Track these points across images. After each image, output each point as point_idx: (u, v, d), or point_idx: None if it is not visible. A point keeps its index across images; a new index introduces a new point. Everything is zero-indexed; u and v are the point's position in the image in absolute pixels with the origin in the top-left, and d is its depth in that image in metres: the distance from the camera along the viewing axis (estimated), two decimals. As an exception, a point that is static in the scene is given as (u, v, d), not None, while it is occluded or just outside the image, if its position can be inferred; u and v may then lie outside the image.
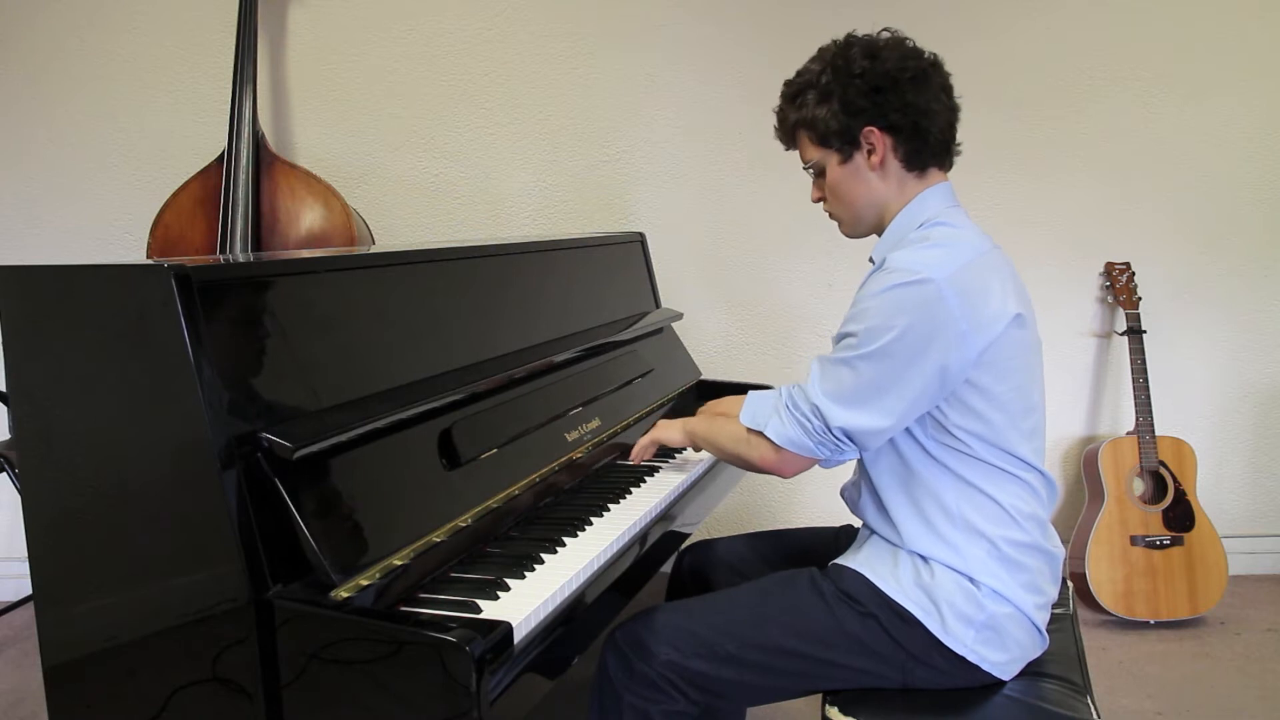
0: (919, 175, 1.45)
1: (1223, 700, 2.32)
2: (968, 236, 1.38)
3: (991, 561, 1.37)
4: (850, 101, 1.40)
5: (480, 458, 1.44)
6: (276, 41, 2.91)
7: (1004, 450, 1.38)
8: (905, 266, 1.31)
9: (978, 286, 1.32)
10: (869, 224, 1.50)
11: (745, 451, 1.47)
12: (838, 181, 1.47)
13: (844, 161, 1.45)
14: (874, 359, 1.31)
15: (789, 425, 1.39)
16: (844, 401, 1.34)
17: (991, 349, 1.32)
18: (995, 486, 1.38)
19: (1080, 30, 2.88)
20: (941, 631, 1.35)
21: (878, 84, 1.39)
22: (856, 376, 1.33)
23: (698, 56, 2.92)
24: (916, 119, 1.40)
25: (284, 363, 1.22)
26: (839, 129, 1.42)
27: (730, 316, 3.03)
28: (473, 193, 2.97)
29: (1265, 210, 2.93)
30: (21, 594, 2.77)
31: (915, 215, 1.43)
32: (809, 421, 1.37)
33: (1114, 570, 2.71)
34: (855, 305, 1.37)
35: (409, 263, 1.52)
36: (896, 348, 1.30)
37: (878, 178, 1.44)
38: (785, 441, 1.39)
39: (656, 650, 1.35)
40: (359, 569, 1.15)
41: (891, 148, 1.42)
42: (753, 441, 1.45)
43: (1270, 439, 3.03)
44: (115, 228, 2.98)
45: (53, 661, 1.26)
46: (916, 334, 1.29)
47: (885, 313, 1.30)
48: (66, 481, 1.22)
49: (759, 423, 1.43)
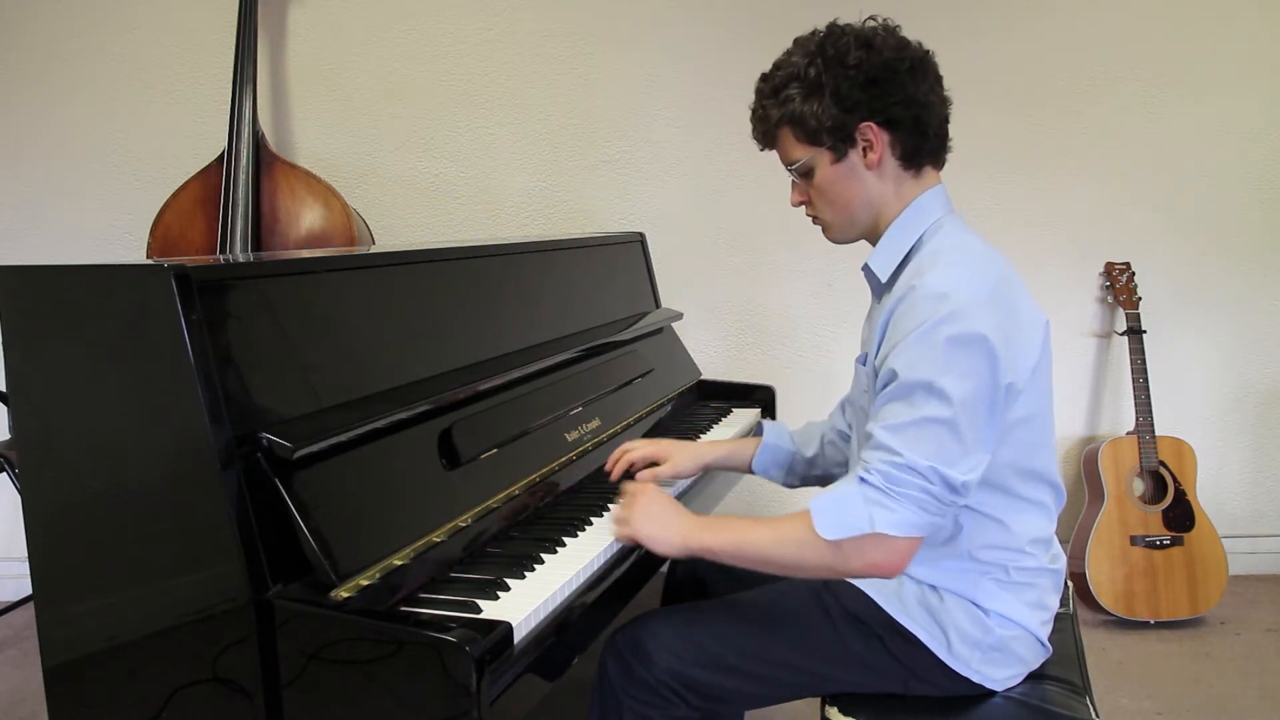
0: (915, 175, 1.37)
1: (1223, 700, 2.32)
2: (980, 247, 1.32)
3: (1000, 589, 1.34)
4: (845, 95, 1.31)
5: (480, 458, 1.44)
6: (276, 41, 2.91)
7: (1032, 473, 1.33)
8: (942, 290, 1.22)
9: (1012, 298, 1.27)
10: (862, 228, 1.41)
11: (830, 561, 1.24)
12: (830, 182, 1.37)
13: (837, 160, 1.35)
14: (966, 409, 1.20)
15: (905, 509, 1.20)
16: (955, 460, 1.20)
17: (1038, 364, 1.29)
18: (1011, 517, 1.33)
19: (1080, 30, 2.87)
20: (946, 655, 1.33)
21: (874, 75, 1.30)
22: (956, 433, 1.20)
23: (698, 56, 2.91)
24: (917, 112, 1.32)
25: (284, 363, 1.22)
26: (832, 124, 1.32)
27: (730, 316, 3.02)
28: (473, 193, 2.97)
29: (1265, 210, 2.93)
30: (21, 594, 2.77)
31: (915, 221, 1.36)
32: (925, 494, 1.20)
33: (1114, 570, 2.71)
34: (905, 342, 1.23)
35: (409, 263, 1.52)
36: (984, 388, 1.21)
37: (874, 177, 1.35)
38: (908, 529, 1.20)
39: (657, 657, 1.34)
40: (359, 569, 1.15)
41: (889, 145, 1.34)
42: (846, 549, 1.22)
43: (1270, 439, 3.03)
44: (115, 228, 2.98)
45: (53, 661, 1.26)
46: (991, 364, 1.21)
47: (957, 354, 1.20)
48: (66, 481, 1.22)
49: (856, 526, 1.21)
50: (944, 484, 1.20)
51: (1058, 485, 1.38)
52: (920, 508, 1.20)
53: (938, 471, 1.19)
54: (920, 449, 1.20)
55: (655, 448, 1.67)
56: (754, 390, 2.37)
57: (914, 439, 1.20)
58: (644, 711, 1.33)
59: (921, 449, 1.20)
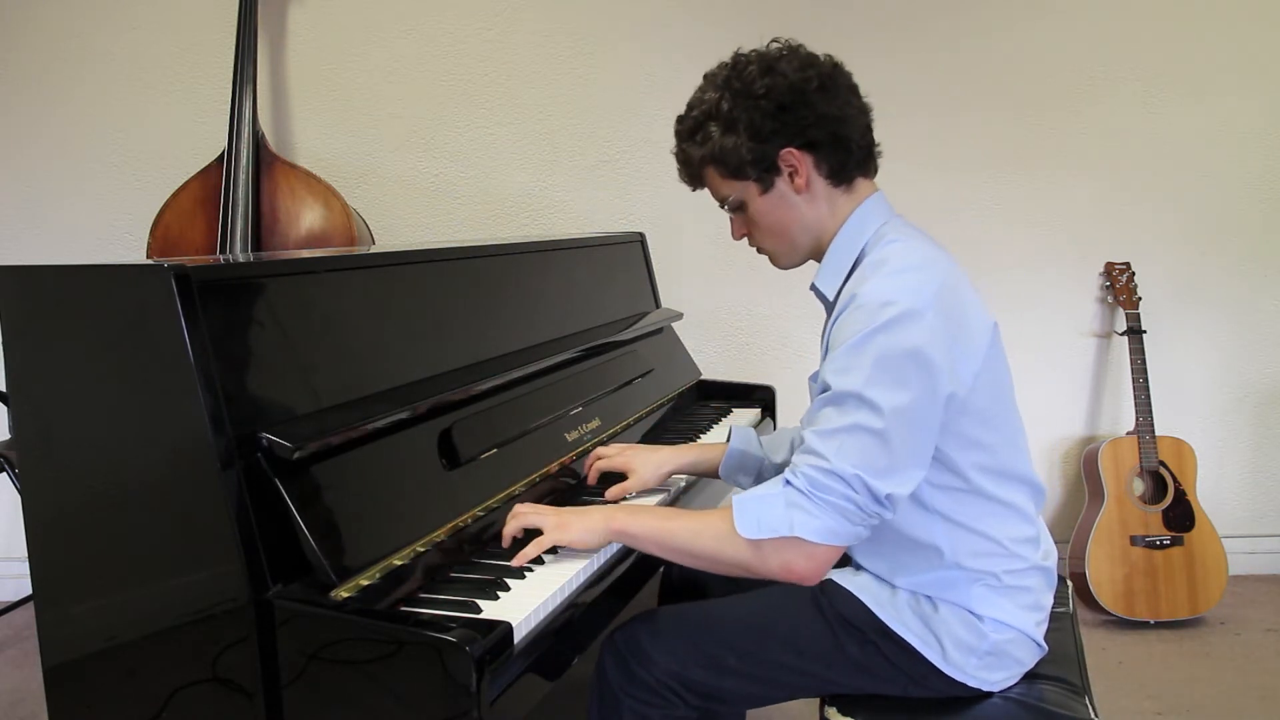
0: (847, 189, 1.35)
1: (1223, 700, 2.32)
2: (925, 250, 1.29)
3: (992, 594, 1.33)
4: (758, 126, 1.30)
5: (480, 458, 1.44)
6: (276, 41, 2.91)
7: (1004, 474, 1.32)
8: (883, 299, 1.20)
9: (957, 304, 1.25)
10: (805, 251, 1.40)
11: (746, 560, 1.23)
12: (763, 213, 1.36)
13: (765, 191, 1.34)
14: (898, 420, 1.18)
15: (826, 516, 1.19)
16: (883, 472, 1.19)
17: (984, 368, 1.27)
18: (989, 523, 1.32)
19: (1080, 30, 2.87)
20: (942, 662, 1.32)
21: (783, 101, 1.29)
22: (886, 444, 1.18)
23: (698, 56, 2.89)
24: (834, 129, 1.31)
25: (284, 363, 1.22)
26: (753, 157, 1.31)
27: (730, 316, 3.02)
28: (472, 193, 2.97)
29: (1265, 210, 2.93)
30: (21, 594, 2.77)
31: (855, 235, 1.34)
32: (848, 503, 1.18)
33: (1114, 570, 2.71)
34: (837, 351, 1.22)
35: (409, 263, 1.52)
36: (920, 402, 1.19)
37: (805, 201, 1.34)
38: (827, 536, 1.19)
39: (656, 657, 1.33)
40: (359, 569, 1.15)
41: (814, 165, 1.33)
42: (764, 549, 1.21)
43: (1270, 439, 3.03)
44: (115, 228, 2.98)
45: (53, 661, 1.26)
46: (928, 378, 1.19)
47: (891, 364, 1.18)
48: (66, 481, 1.22)
49: (775, 528, 1.20)
50: (868, 494, 1.18)
51: (1034, 482, 1.37)
52: (842, 515, 1.19)
53: (863, 480, 1.18)
54: (848, 456, 1.18)
55: (622, 459, 1.64)
56: (754, 390, 2.37)
57: (842, 446, 1.19)
58: (643, 711, 1.33)
59: (849, 457, 1.18)
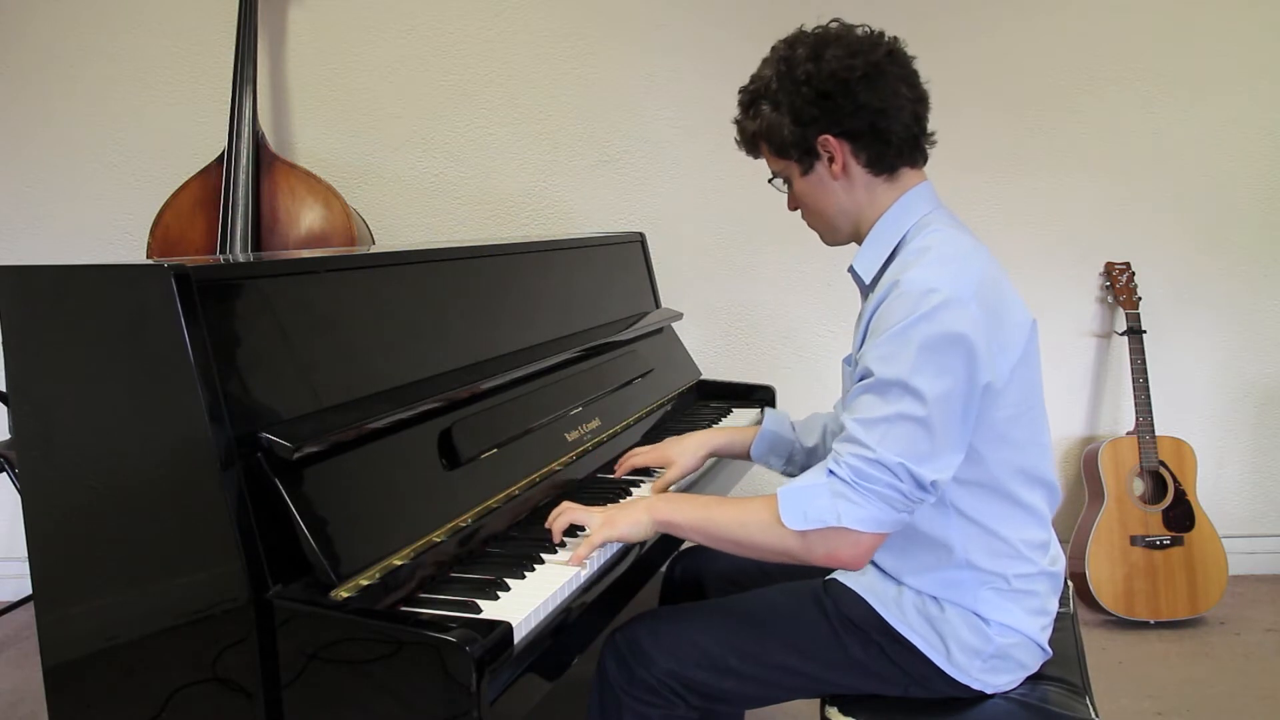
0: (889, 179, 1.35)
1: (1223, 700, 2.32)
2: (967, 243, 1.30)
3: (999, 598, 1.33)
4: (800, 110, 1.31)
5: (480, 458, 1.44)
6: (276, 41, 2.91)
7: (1027, 474, 1.32)
8: (926, 286, 1.20)
9: (998, 296, 1.25)
10: (846, 234, 1.41)
11: (792, 549, 1.24)
12: (804, 194, 1.39)
13: (806, 172, 1.36)
14: (940, 407, 1.19)
15: (872, 505, 1.20)
16: (926, 458, 1.20)
17: (1020, 362, 1.27)
18: (1005, 524, 1.32)
19: (1080, 29, 2.87)
20: (946, 664, 1.32)
21: (824, 89, 1.29)
22: (929, 431, 1.19)
23: (698, 56, 2.91)
24: (874, 120, 1.30)
25: (284, 363, 1.22)
26: (794, 139, 1.33)
27: (730, 316, 3.02)
28: (472, 193, 2.97)
29: (1265, 210, 2.93)
30: (21, 594, 2.77)
31: (897, 222, 1.35)
32: (893, 491, 1.19)
33: (1114, 570, 2.71)
34: (880, 338, 1.22)
35: (409, 263, 1.52)
36: (962, 388, 1.20)
37: (842, 188, 1.35)
38: (873, 525, 1.20)
39: (657, 657, 1.34)
40: (359, 569, 1.15)
41: (852, 154, 1.33)
42: (810, 539, 1.23)
43: (1270, 439, 3.03)
44: (115, 228, 2.98)
45: (53, 661, 1.26)
46: (970, 363, 1.20)
47: (934, 351, 1.19)
48: (66, 481, 1.22)
49: (822, 519, 1.21)
50: (913, 481, 1.19)
51: (1052, 484, 1.37)
52: (887, 504, 1.20)
53: (907, 469, 1.19)
54: (891, 445, 1.19)
55: (658, 453, 1.67)
56: (754, 390, 2.37)
57: (886, 434, 1.20)
58: (644, 711, 1.33)
59: (893, 445, 1.19)
